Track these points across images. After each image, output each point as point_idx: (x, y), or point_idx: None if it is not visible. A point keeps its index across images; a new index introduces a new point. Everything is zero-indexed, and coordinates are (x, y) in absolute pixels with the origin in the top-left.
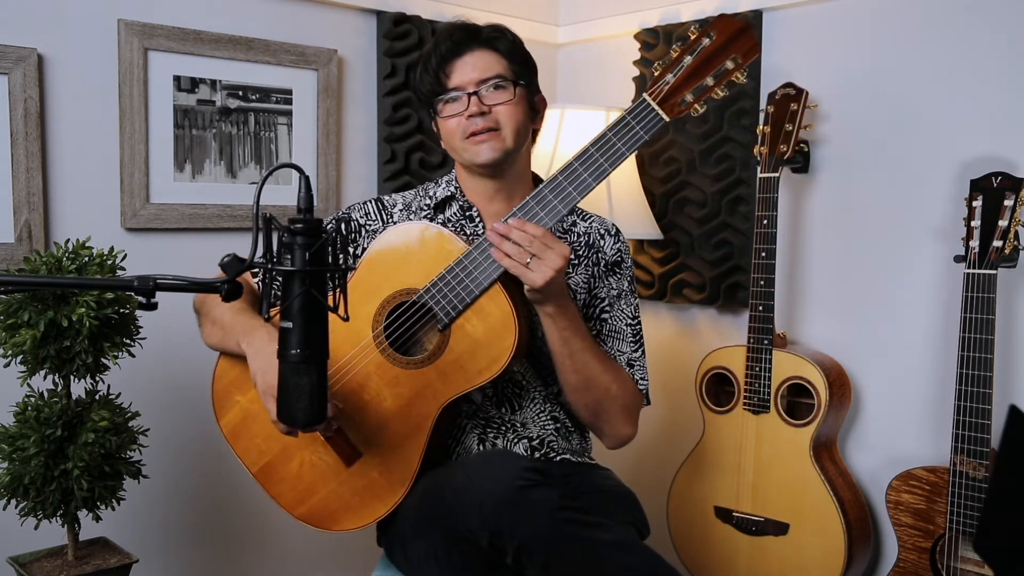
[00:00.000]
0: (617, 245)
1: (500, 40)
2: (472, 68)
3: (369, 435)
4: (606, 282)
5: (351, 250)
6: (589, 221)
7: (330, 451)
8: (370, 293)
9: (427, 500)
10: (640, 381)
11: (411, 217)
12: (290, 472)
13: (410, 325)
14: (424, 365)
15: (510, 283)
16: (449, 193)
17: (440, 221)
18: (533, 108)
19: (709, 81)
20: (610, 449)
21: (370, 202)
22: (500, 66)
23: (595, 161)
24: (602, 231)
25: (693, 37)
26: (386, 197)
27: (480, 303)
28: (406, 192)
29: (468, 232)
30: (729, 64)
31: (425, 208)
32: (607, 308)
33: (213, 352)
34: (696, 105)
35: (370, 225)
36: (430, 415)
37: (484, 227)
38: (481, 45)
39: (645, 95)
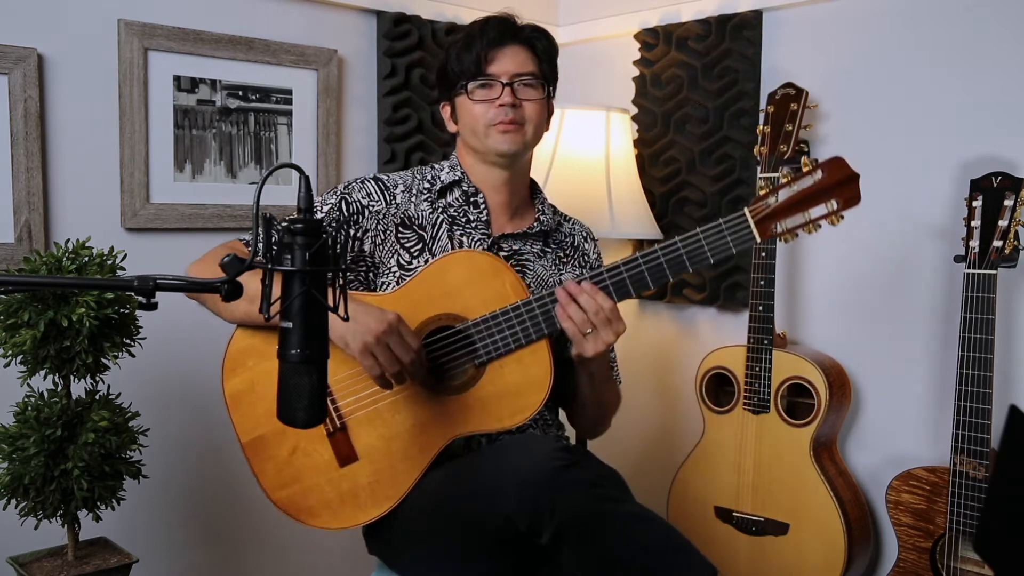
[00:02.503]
0: (596, 250)
1: (539, 40)
2: (511, 61)
3: (373, 443)
4: None
5: (352, 231)
6: (571, 223)
7: (328, 447)
8: (417, 306)
9: (448, 495)
10: (618, 378)
11: (413, 200)
12: (281, 453)
13: (449, 351)
14: (450, 393)
15: (556, 339)
16: (455, 178)
17: (442, 206)
18: (549, 111)
19: (804, 218)
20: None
21: (369, 181)
22: (534, 64)
23: (678, 255)
24: (583, 234)
25: (806, 169)
26: (384, 176)
27: (522, 352)
28: (403, 172)
29: (472, 218)
30: (826, 208)
31: (425, 191)
32: None
33: (213, 351)
34: (787, 235)
35: (373, 206)
36: (438, 443)
37: (488, 214)
38: (522, 42)
39: (746, 210)
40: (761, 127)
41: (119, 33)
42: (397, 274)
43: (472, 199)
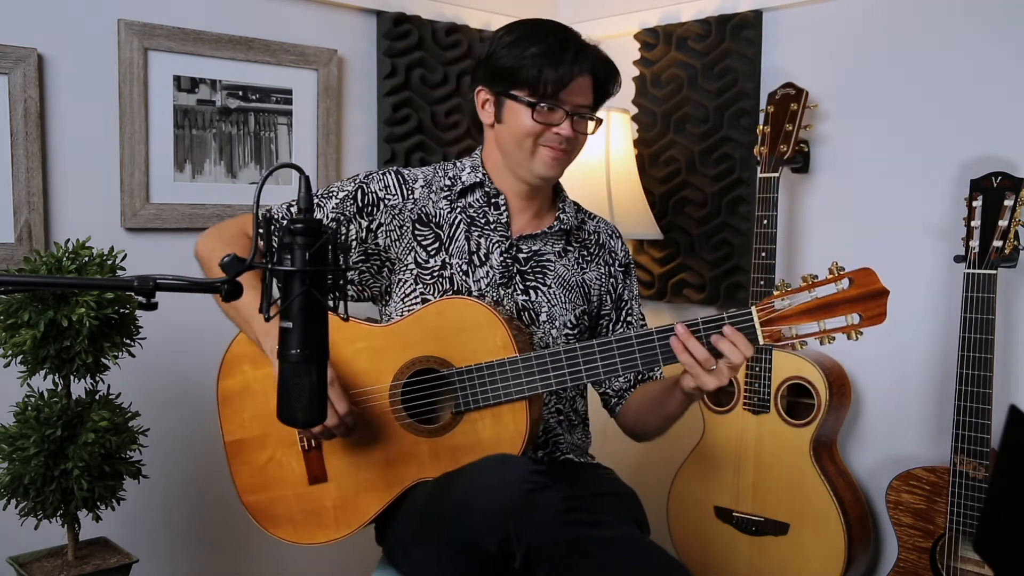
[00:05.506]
0: (624, 247)
1: (605, 71)
2: (581, 92)
3: (342, 468)
4: (626, 284)
5: (364, 223)
6: (595, 221)
7: (301, 462)
8: (408, 345)
9: (431, 507)
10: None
11: (431, 196)
12: (257, 460)
13: (428, 395)
14: (424, 435)
15: (537, 400)
16: (477, 180)
17: (462, 206)
18: None
19: (818, 327)
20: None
21: (389, 173)
22: (593, 96)
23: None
24: (608, 232)
25: (831, 274)
26: (406, 171)
27: (502, 407)
28: (425, 168)
29: (491, 219)
30: (845, 320)
31: (446, 189)
32: (631, 311)
33: (213, 351)
34: (797, 343)
35: (389, 199)
36: (404, 482)
37: (508, 216)
38: (589, 71)
39: (753, 307)
40: (761, 127)
41: (119, 33)
42: (415, 272)
43: (493, 200)
